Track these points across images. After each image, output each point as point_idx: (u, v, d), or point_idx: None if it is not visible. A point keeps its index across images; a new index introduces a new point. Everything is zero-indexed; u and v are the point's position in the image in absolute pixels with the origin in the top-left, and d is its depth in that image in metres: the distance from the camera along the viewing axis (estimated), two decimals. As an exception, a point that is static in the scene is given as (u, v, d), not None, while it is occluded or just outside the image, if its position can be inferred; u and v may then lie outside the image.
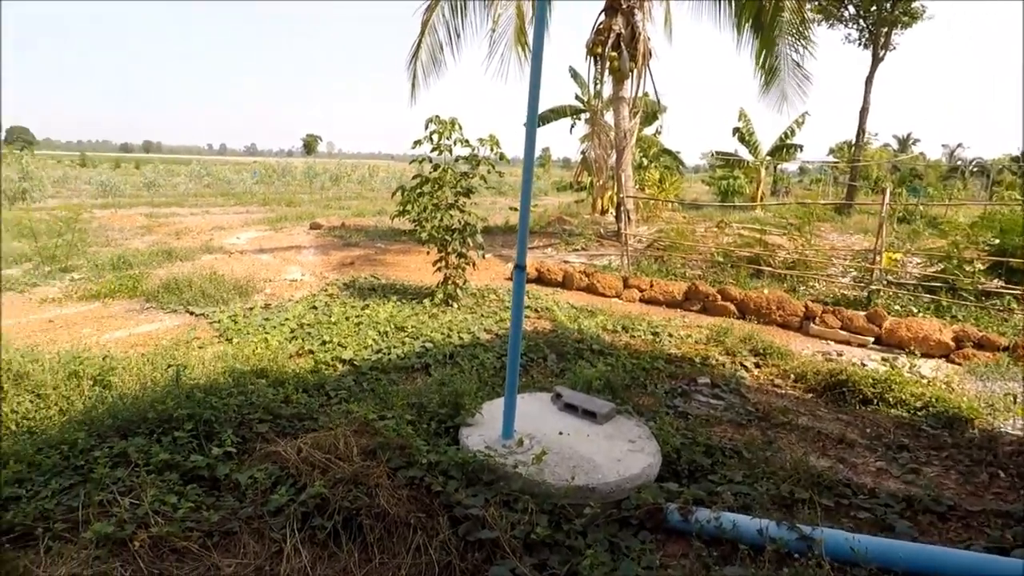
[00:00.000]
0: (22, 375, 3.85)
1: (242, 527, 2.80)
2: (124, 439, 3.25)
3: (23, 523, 2.63)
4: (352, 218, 17.81)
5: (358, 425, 3.55)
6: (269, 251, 11.66)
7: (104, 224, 14.62)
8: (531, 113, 3.12)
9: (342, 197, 27.62)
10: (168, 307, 6.98)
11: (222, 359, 4.71)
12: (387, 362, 5.16)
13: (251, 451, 3.45)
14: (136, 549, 2.58)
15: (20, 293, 7.65)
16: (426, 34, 10.83)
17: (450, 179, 7.13)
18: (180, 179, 29.63)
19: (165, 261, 9.95)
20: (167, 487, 2.95)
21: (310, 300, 7.25)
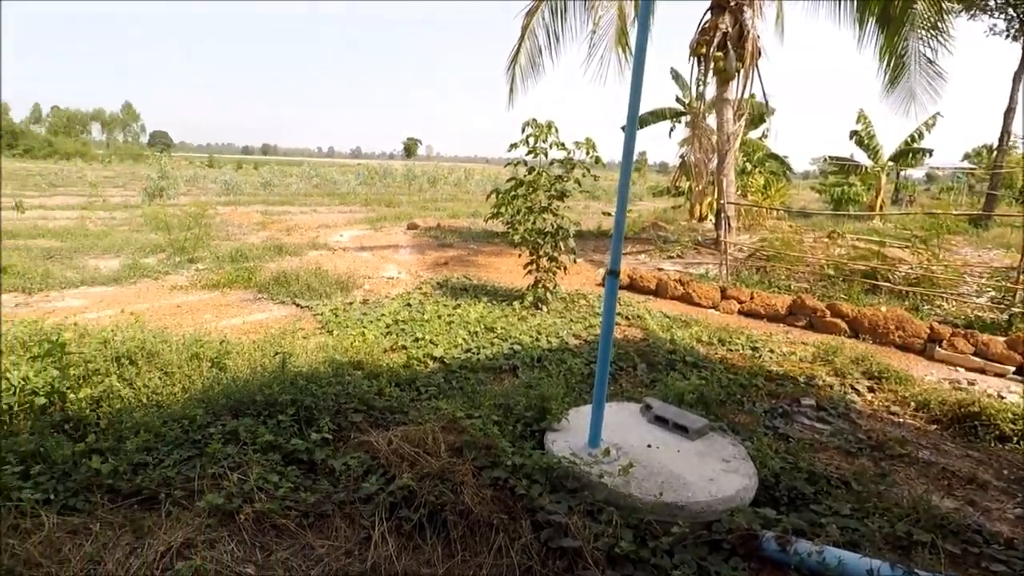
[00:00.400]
0: (153, 354, 4.26)
1: (335, 511, 2.93)
2: (235, 419, 3.49)
3: (148, 487, 2.90)
4: (447, 219, 18.31)
5: (446, 422, 3.62)
6: (369, 249, 12.21)
7: (225, 220, 15.92)
8: (631, 115, 3.04)
9: (438, 199, 28.48)
10: (277, 298, 7.47)
11: (323, 350, 4.97)
12: (476, 362, 5.24)
13: (346, 439, 3.60)
14: (241, 522, 2.77)
15: (154, 280, 8.49)
16: (525, 38, 10.93)
17: (544, 182, 7.14)
18: (292, 179, 31.77)
19: (276, 256, 10.67)
20: (270, 466, 3.14)
21: (405, 297, 7.51)
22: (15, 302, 6.94)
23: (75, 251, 10.29)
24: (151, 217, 14.60)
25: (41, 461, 2.99)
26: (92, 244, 10.99)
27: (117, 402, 3.72)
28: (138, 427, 3.30)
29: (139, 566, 2.44)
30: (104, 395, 3.72)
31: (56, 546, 2.52)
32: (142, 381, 3.94)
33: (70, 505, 2.80)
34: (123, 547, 2.57)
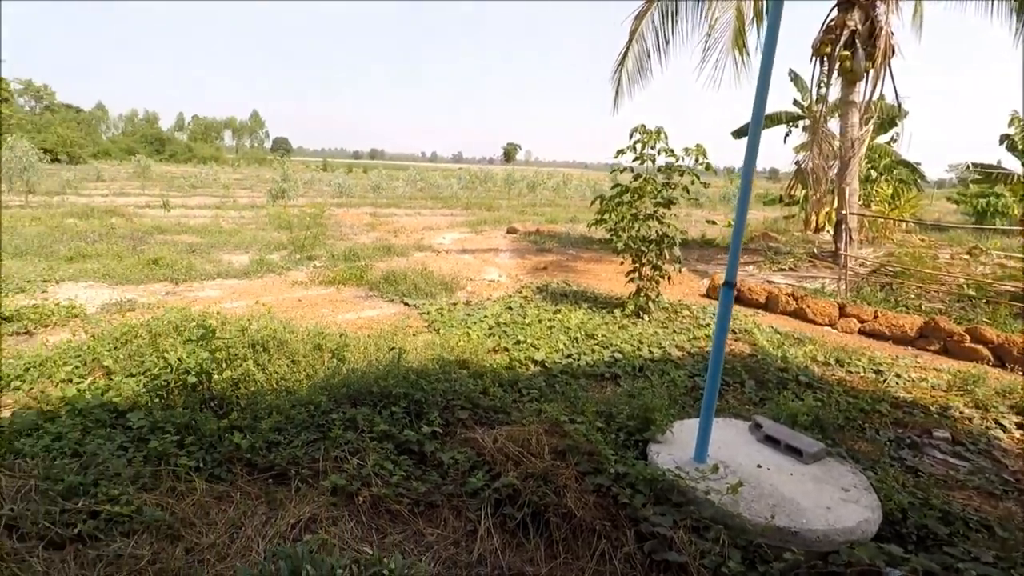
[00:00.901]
0: (282, 343, 4.66)
1: (443, 502, 3.06)
2: (354, 407, 3.74)
3: (280, 464, 3.18)
4: (546, 224, 18.44)
5: (549, 425, 3.67)
6: (470, 252, 12.57)
7: (339, 220, 16.98)
8: (756, 119, 2.95)
9: (537, 204, 28.76)
10: (387, 296, 7.89)
11: (431, 347, 5.19)
12: (576, 367, 5.25)
13: (452, 434, 3.75)
14: (360, 504, 2.97)
15: (278, 275, 9.22)
16: (634, 42, 10.81)
17: (651, 189, 7.03)
18: (398, 183, 33.31)
19: (385, 255, 11.25)
20: (385, 454, 3.33)
21: (506, 300, 7.66)
22: (165, 290, 7.82)
23: (212, 246, 11.39)
24: (274, 217, 15.89)
25: (192, 433, 3.36)
26: (225, 240, 12.11)
27: (252, 385, 4.10)
28: (271, 409, 3.63)
29: (273, 534, 2.69)
30: (242, 378, 4.11)
31: (205, 509, 2.84)
32: (273, 367, 4.32)
33: (216, 474, 3.13)
34: (260, 516, 2.84)
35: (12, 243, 9.77)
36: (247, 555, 2.57)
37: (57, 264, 8.71)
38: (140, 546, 2.51)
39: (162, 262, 9.12)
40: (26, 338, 5.49)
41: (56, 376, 4.26)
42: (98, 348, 4.67)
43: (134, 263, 8.99)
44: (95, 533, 2.56)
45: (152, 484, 2.95)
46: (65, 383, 4.15)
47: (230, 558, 2.55)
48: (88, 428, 3.40)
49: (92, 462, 3.00)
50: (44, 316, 5.97)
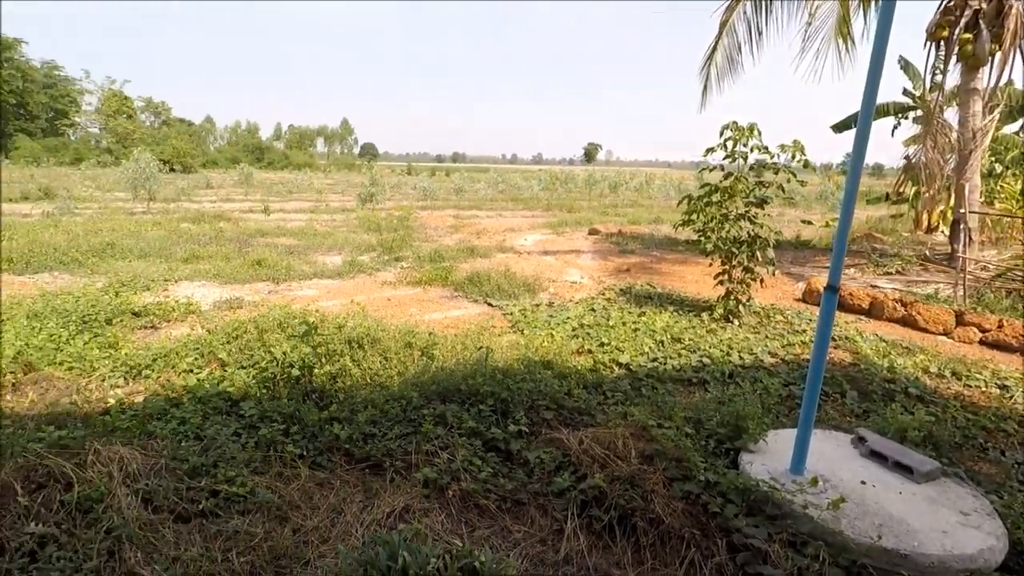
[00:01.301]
0: (375, 340, 4.89)
1: (530, 500, 3.11)
2: (443, 404, 3.87)
3: (375, 455, 3.34)
4: (628, 225, 18.16)
5: (635, 428, 3.63)
6: (552, 253, 12.59)
7: (423, 223, 17.51)
8: (865, 111, 2.79)
9: (619, 204, 28.37)
10: (471, 297, 8.06)
11: (515, 348, 5.26)
12: (662, 371, 5.16)
13: (537, 434, 3.79)
14: (450, 497, 3.07)
15: (369, 275, 9.65)
16: (723, 35, 10.42)
17: (742, 188, 6.77)
18: (480, 185, 33.91)
19: (468, 257, 11.49)
20: (473, 451, 3.43)
21: (589, 302, 7.63)
22: (268, 289, 8.38)
23: (308, 248, 12.08)
24: (364, 219, 16.62)
25: (297, 423, 3.60)
26: (320, 242, 12.80)
27: (349, 379, 4.33)
28: (366, 402, 3.82)
29: (370, 521, 2.84)
30: (339, 372, 4.36)
31: (309, 494, 3.03)
32: (367, 363, 4.54)
33: (318, 462, 3.33)
34: (357, 503, 3.01)
35: (138, 246, 10.81)
36: (347, 539, 2.72)
37: (175, 265, 9.55)
38: (254, 524, 2.73)
39: (264, 263, 9.78)
40: (152, 331, 6.07)
41: (179, 366, 4.69)
42: (213, 342, 5.10)
43: (240, 264, 9.69)
44: (215, 510, 2.81)
45: (262, 468, 3.19)
46: (187, 373, 4.57)
47: (332, 541, 2.71)
48: (207, 415, 3.72)
49: (211, 445, 3.28)
50: (166, 312, 6.57)
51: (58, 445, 3.11)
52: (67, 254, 9.63)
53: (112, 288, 7.48)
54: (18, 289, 7.46)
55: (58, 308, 6.00)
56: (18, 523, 2.52)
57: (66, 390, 4.31)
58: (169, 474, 2.99)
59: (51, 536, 2.48)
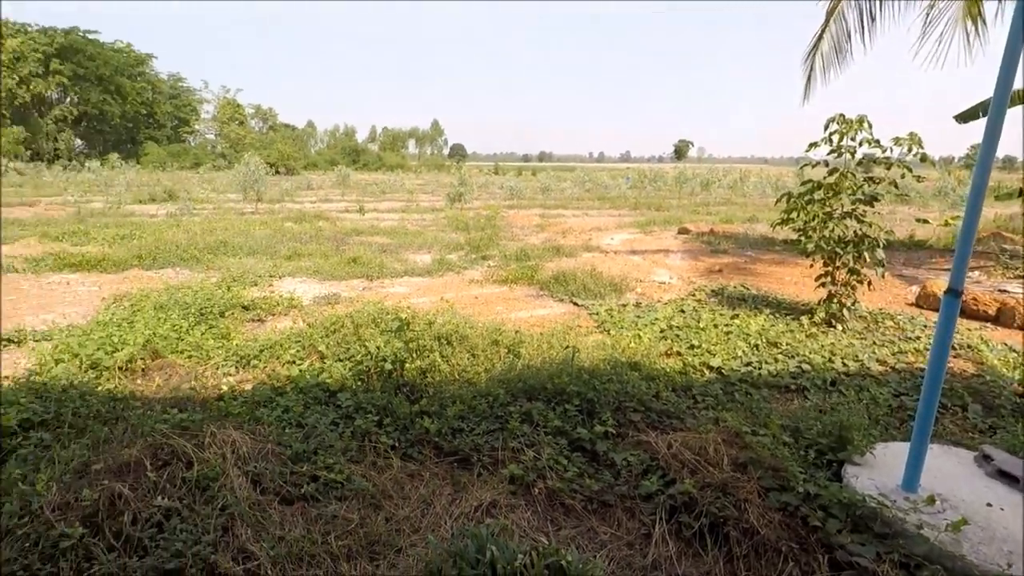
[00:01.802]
0: (463, 337, 5.00)
1: (616, 502, 3.07)
2: (529, 401, 3.90)
3: (463, 450, 3.42)
4: (720, 224, 17.47)
5: (728, 435, 3.50)
6: (639, 253, 12.34)
7: (510, 222, 17.67)
8: (999, 100, 2.53)
9: (710, 203, 27.34)
10: (557, 296, 8.06)
11: (601, 348, 5.21)
12: (757, 376, 4.92)
13: (624, 435, 3.73)
14: (536, 495, 3.09)
15: (457, 274, 9.88)
16: (831, 22, 9.75)
17: (849, 185, 6.32)
18: (566, 184, 33.78)
19: (554, 256, 11.48)
20: (558, 450, 3.43)
21: (678, 303, 7.41)
22: (363, 286, 8.78)
23: (399, 247, 12.53)
24: (452, 219, 17.03)
25: (389, 415, 3.75)
26: (410, 241, 13.24)
27: (438, 375, 4.46)
28: (455, 398, 3.92)
29: (459, 514, 2.91)
30: (429, 367, 4.50)
31: (400, 484, 3.15)
32: (456, 359, 4.65)
33: (409, 453, 3.46)
34: (446, 495, 3.09)
35: (247, 244, 11.65)
36: (437, 530, 2.80)
37: (279, 262, 10.21)
38: (350, 510, 2.87)
39: (359, 261, 10.25)
40: (259, 324, 6.53)
41: (283, 357, 5.02)
42: (313, 335, 5.41)
43: (337, 261, 10.22)
44: (316, 494, 2.98)
45: (358, 457, 3.36)
46: (290, 364, 4.88)
47: (422, 531, 2.80)
48: (308, 404, 3.96)
49: (312, 433, 3.49)
50: (271, 306, 7.04)
51: (180, 427, 3.42)
52: (187, 251, 10.56)
53: (225, 283, 8.12)
54: (146, 283, 8.27)
55: (179, 301, 6.59)
56: (148, 496, 2.79)
57: (186, 376, 4.72)
58: (275, 458, 3.20)
59: (175, 510, 2.72)
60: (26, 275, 8.90)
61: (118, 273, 9.21)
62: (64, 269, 9.28)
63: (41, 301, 7.38)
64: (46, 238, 11.99)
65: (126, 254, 10.20)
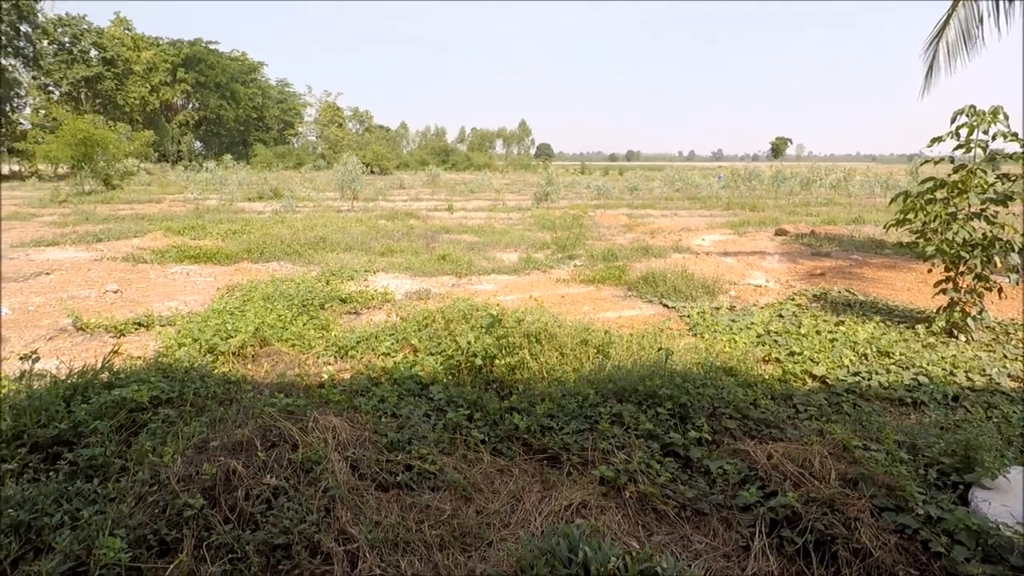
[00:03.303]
0: (552, 336, 4.99)
1: (712, 511, 2.95)
2: (620, 403, 3.83)
3: (552, 448, 3.41)
4: (822, 226, 16.41)
5: (834, 448, 3.28)
6: (733, 254, 11.84)
7: (596, 222, 17.48)
8: None
9: (811, 203, 25.76)
10: (645, 297, 7.88)
11: (694, 351, 5.03)
12: (866, 387, 4.58)
13: (718, 443, 3.58)
14: (626, 498, 3.03)
15: (543, 272, 9.89)
16: (959, 6, 8.90)
17: (978, 183, 5.73)
18: (655, 184, 32.96)
19: (642, 256, 11.24)
20: (650, 454, 3.34)
21: (776, 307, 7.04)
22: (451, 283, 8.99)
23: (486, 245, 12.72)
24: (538, 218, 17.07)
25: (479, 410, 3.80)
26: (497, 240, 13.40)
27: (526, 372, 4.48)
28: (544, 396, 3.92)
29: (548, 512, 2.90)
30: (518, 365, 4.52)
31: (490, 478, 3.19)
32: (544, 358, 4.65)
33: (498, 449, 3.49)
34: (535, 492, 3.09)
35: (344, 240, 12.24)
36: (526, 526, 2.81)
37: (373, 257, 10.66)
38: (442, 501, 2.93)
39: (448, 258, 10.50)
40: (355, 316, 6.84)
41: (378, 349, 5.22)
42: (407, 329, 5.60)
43: (428, 258, 10.52)
44: (410, 483, 3.08)
45: (449, 449, 3.42)
46: (385, 356, 5.07)
47: (512, 526, 2.82)
48: (402, 395, 4.09)
49: (406, 424, 3.60)
50: (367, 300, 7.36)
51: (286, 411, 3.63)
52: (290, 246, 11.25)
53: (324, 277, 8.57)
54: (255, 275, 8.89)
55: (284, 293, 7.03)
56: (258, 474, 2.99)
57: (290, 363, 5.02)
58: (371, 446, 3.33)
59: (282, 489, 2.89)
60: (153, 265, 9.83)
61: (230, 265, 9.96)
62: (184, 260, 10.16)
63: (166, 289, 8.12)
64: (170, 232, 13.17)
65: (237, 248, 11.02)
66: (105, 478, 2.89)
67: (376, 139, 68.75)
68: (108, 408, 3.44)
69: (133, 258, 10.28)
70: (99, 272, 9.17)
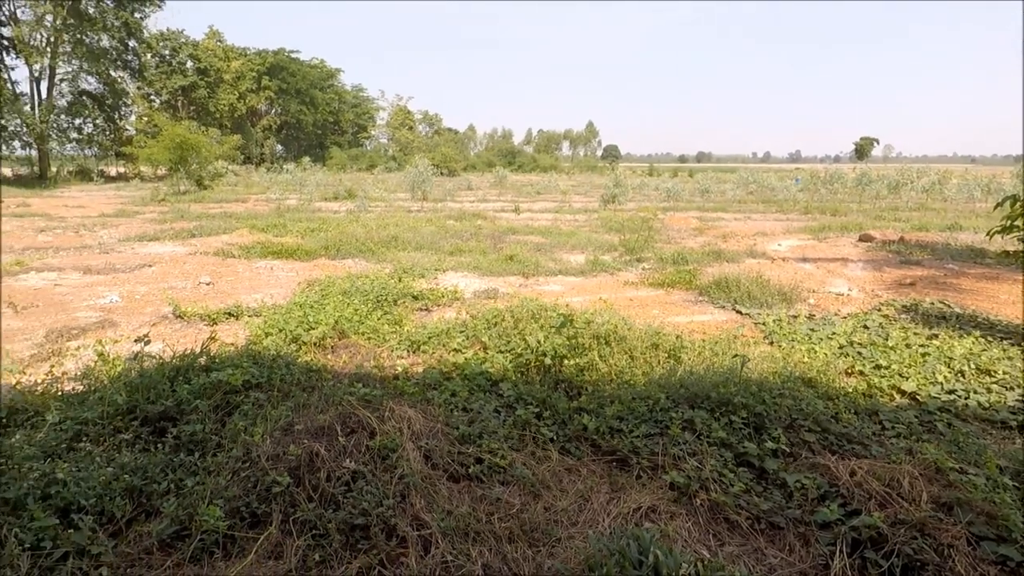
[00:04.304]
0: (621, 338, 4.95)
1: (788, 525, 2.85)
2: (691, 409, 3.76)
3: (621, 451, 3.39)
4: (913, 232, 15.42)
5: (925, 468, 3.10)
6: (812, 261, 11.32)
7: (665, 224, 17.13)
8: None
9: (899, 208, 24.21)
10: (717, 302, 7.66)
11: (770, 360, 4.86)
12: (963, 407, 4.28)
13: (796, 456, 3.46)
14: (697, 505, 2.97)
15: (610, 275, 9.80)
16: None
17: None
18: (727, 186, 31.91)
19: (714, 261, 10.93)
20: (723, 462, 3.26)
21: (861, 318, 6.68)
22: (518, 283, 9.06)
23: (553, 246, 12.72)
24: (606, 220, 16.91)
25: (548, 408, 3.84)
26: (564, 241, 13.38)
27: (595, 373, 4.47)
28: (613, 398, 3.90)
29: (616, 514, 2.89)
30: (587, 366, 4.52)
31: (558, 477, 3.21)
32: (613, 360, 4.62)
33: (567, 448, 3.51)
34: (603, 494, 3.08)
35: (415, 239, 12.57)
36: (594, 526, 2.81)
37: (443, 256, 10.89)
38: (512, 496, 2.98)
39: (515, 258, 10.58)
40: (426, 313, 7.02)
41: (449, 345, 5.35)
42: (476, 327, 5.70)
43: (495, 258, 10.64)
44: (480, 475, 3.14)
45: (518, 446, 3.47)
46: (456, 352, 5.19)
47: (579, 525, 2.83)
48: (472, 391, 4.18)
49: (477, 418, 3.68)
50: (437, 297, 7.54)
51: (364, 400, 3.78)
52: (364, 244, 11.67)
53: (396, 274, 8.85)
54: (332, 271, 9.29)
55: (360, 288, 7.31)
56: (339, 457, 3.14)
57: (367, 355, 5.23)
58: (444, 437, 3.42)
59: (361, 473, 3.02)
60: (240, 260, 10.45)
61: (309, 261, 10.45)
62: (268, 256, 10.74)
63: (252, 282, 8.62)
64: (255, 229, 13.96)
65: (315, 245, 11.54)
66: (204, 452, 3.12)
67: (445, 141, 70.05)
68: (206, 389, 3.71)
69: (223, 253, 10.98)
70: (193, 265, 9.85)
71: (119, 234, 13.71)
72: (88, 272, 9.30)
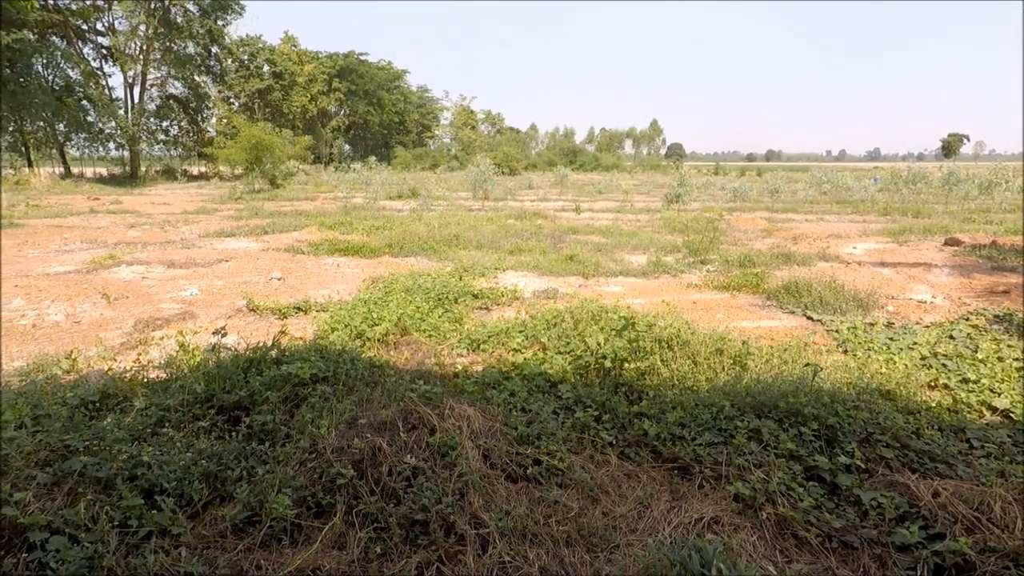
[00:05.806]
0: (684, 342, 4.82)
1: (863, 546, 2.70)
2: (758, 418, 3.62)
3: (683, 458, 3.31)
4: (1007, 236, 14.26)
5: (1020, 493, 2.86)
6: (891, 265, 10.67)
7: (732, 225, 16.58)
8: None
9: (992, 209, 22.49)
10: (787, 307, 7.35)
11: (843, 369, 4.62)
12: (1063, 427, 3.92)
13: (871, 472, 3.28)
14: (763, 519, 2.86)
15: (673, 276, 9.58)
16: None
17: None
18: (799, 186, 30.55)
19: (783, 263, 10.49)
20: (791, 475, 3.13)
21: (947, 327, 6.24)
22: (578, 283, 8.99)
23: (614, 246, 12.55)
24: (669, 220, 16.54)
25: (608, 412, 3.79)
26: (625, 241, 13.18)
27: (656, 378, 4.38)
28: (675, 404, 3.81)
29: (677, 523, 2.82)
30: (648, 370, 4.44)
31: (617, 482, 3.16)
32: (676, 364, 4.51)
33: (626, 453, 3.45)
34: (664, 501, 3.02)
35: (475, 238, 12.69)
36: (654, 534, 2.75)
37: (503, 256, 10.94)
38: (570, 499, 2.96)
39: (576, 258, 10.51)
40: (486, 312, 7.08)
41: (508, 345, 5.37)
42: (536, 327, 5.70)
43: (555, 258, 10.60)
44: (538, 477, 3.14)
45: (577, 449, 3.45)
46: (515, 352, 5.20)
47: (639, 532, 2.78)
48: (531, 391, 4.18)
49: (535, 419, 3.67)
50: (497, 296, 7.59)
51: (425, 397, 3.85)
52: (426, 243, 11.89)
53: (457, 273, 8.96)
54: (395, 268, 9.51)
55: (421, 286, 7.45)
56: (400, 452, 3.21)
57: (428, 353, 5.32)
58: (502, 437, 3.44)
59: (421, 469, 3.08)
60: (309, 256, 10.87)
61: (373, 258, 10.75)
62: (335, 253, 11.12)
63: (320, 278, 8.95)
64: (323, 227, 14.48)
65: (380, 243, 11.86)
66: (273, 442, 3.26)
67: (507, 141, 70.45)
68: (277, 381, 3.87)
69: (293, 249, 11.45)
70: (266, 261, 10.32)
71: (199, 230, 14.55)
72: (171, 266, 9.91)
